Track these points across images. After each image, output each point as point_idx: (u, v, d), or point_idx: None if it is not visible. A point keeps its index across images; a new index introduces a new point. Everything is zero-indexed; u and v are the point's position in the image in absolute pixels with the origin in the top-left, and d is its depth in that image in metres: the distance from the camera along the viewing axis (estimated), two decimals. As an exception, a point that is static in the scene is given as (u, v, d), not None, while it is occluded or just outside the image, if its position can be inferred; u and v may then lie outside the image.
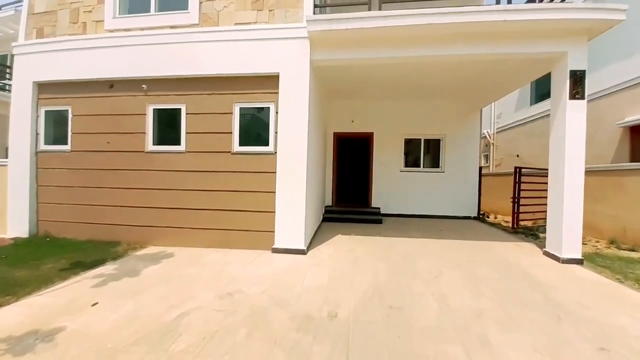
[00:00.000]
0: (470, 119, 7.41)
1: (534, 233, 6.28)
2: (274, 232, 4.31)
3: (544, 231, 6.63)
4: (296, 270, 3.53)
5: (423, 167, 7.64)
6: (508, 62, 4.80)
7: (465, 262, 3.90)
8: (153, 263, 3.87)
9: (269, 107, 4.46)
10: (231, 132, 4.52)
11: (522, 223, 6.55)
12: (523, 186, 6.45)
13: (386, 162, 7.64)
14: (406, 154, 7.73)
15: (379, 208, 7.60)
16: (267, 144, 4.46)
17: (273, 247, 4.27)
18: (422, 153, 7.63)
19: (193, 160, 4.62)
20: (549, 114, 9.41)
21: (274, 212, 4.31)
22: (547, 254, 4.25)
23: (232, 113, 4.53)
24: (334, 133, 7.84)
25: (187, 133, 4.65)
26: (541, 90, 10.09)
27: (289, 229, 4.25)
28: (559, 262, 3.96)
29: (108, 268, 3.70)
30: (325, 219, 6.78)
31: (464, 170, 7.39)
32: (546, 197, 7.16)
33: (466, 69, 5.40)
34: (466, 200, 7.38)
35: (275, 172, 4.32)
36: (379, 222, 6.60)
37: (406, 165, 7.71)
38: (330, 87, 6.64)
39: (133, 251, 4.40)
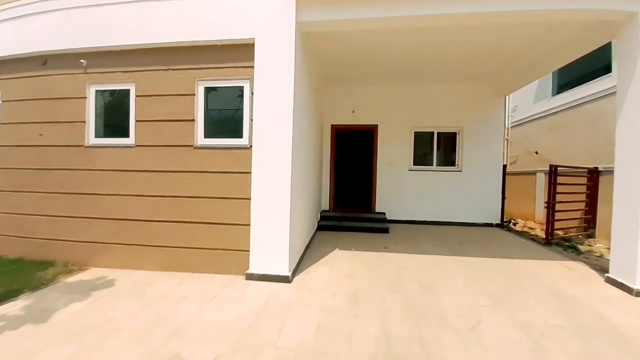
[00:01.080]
0: (493, 108, 6.38)
1: (572, 245, 5.28)
2: (248, 251, 3.31)
3: (582, 242, 5.66)
4: (273, 313, 2.53)
5: (436, 165, 6.62)
6: (560, 29, 3.78)
7: (506, 296, 2.89)
8: (80, 297, 2.88)
9: (242, 87, 3.45)
10: (194, 120, 3.51)
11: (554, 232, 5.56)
12: (557, 188, 5.44)
13: (392, 159, 6.63)
14: (416, 150, 6.71)
15: (384, 213, 6.60)
16: (240, 135, 3.45)
17: (247, 272, 3.27)
18: (435, 149, 6.61)
19: (145, 156, 3.61)
20: (574, 105, 8.43)
21: (249, 224, 3.31)
22: (612, 281, 3.24)
23: (194, 94, 3.51)
24: (332, 126, 6.83)
25: (137, 121, 3.64)
26: (564, 79, 9.06)
27: (268, 248, 3.25)
28: (631, 294, 2.96)
29: (17, 305, 2.74)
30: (320, 227, 5.78)
31: (485, 168, 6.38)
32: (581, 201, 6.23)
33: (501, 42, 4.38)
34: (487, 205, 6.37)
35: (250, 172, 3.32)
36: (385, 231, 5.60)
37: (416, 163, 6.70)
38: (326, 69, 5.62)
39: (66, 276, 3.41)
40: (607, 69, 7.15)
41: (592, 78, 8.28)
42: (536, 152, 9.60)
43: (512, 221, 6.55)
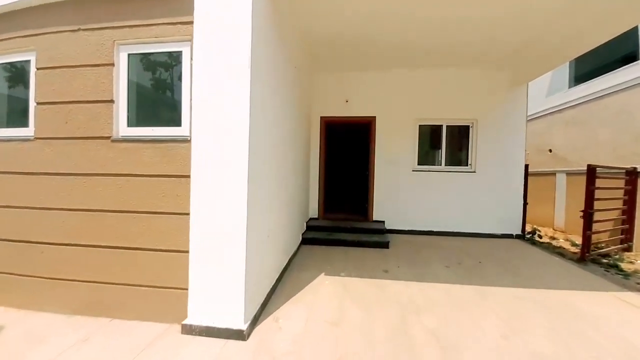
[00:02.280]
0: (513, 97, 5.41)
1: (612, 263, 4.35)
2: (186, 290, 2.31)
3: (621, 258, 4.71)
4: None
5: (445, 164, 5.64)
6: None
7: (571, 366, 1.92)
8: None
9: (179, 53, 2.44)
10: (112, 101, 2.50)
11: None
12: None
13: (393, 157, 5.64)
14: (421, 147, 5.73)
15: (382, 222, 5.62)
16: (177, 122, 2.45)
17: (184, 322, 2.27)
18: (444, 145, 5.63)
19: (47, 154, 2.59)
20: (595, 98, 7.50)
21: (187, 251, 2.30)
22: None
23: (113, 64, 2.50)
24: (322, 118, 5.83)
25: (37, 104, 2.62)
26: (582, 69, 8.18)
27: (214, 287, 2.25)
28: None
29: None
30: (306, 241, 4.78)
31: (503, 169, 5.41)
32: (617, 208, 5.28)
33: (525, 14, 3.42)
34: (506, 212, 5.41)
35: (189, 176, 2.31)
36: (384, 245, 4.61)
37: (421, 163, 5.72)
38: (312, 50, 4.61)
39: None
40: (632, 57, 6.31)
41: (614, 68, 7.45)
42: (550, 151, 8.68)
43: (537, 232, 5.58)
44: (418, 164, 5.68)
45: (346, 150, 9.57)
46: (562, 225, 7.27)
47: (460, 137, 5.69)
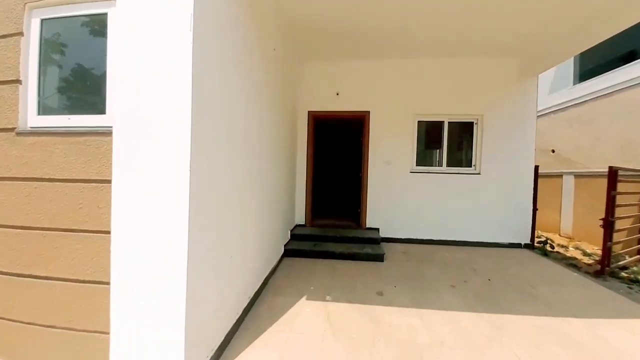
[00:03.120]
0: (522, 90, 4.90)
1: (635, 279, 3.86)
2: (108, 334, 1.71)
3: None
4: None
5: (447, 165, 5.11)
6: None
7: None
8: None
9: (104, 16, 1.84)
10: (19, 81, 1.89)
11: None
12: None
13: (389, 157, 5.09)
14: (420, 145, 5.18)
15: (377, 230, 5.06)
16: (100, 109, 1.85)
17: (103, 380, 1.68)
18: (446, 144, 5.09)
19: None
20: (603, 95, 7.05)
21: (108, 283, 1.71)
22: None
23: (22, 34, 1.89)
24: (310, 113, 5.25)
25: None
26: (588, 64, 7.78)
27: (144, 329, 1.66)
28: None
29: None
30: (289, 253, 4.20)
31: (510, 170, 4.90)
32: (632, 216, 4.81)
33: None
34: (514, 219, 4.89)
35: (110, 181, 1.71)
36: (379, 258, 4.06)
37: (420, 163, 5.18)
38: (297, 32, 4.03)
39: None
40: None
41: (622, 63, 7.07)
42: (553, 151, 8.24)
43: (549, 241, 5.07)
44: (416, 165, 5.14)
45: (337, 149, 9.00)
46: (569, 231, 6.81)
47: (463, 135, 5.16)
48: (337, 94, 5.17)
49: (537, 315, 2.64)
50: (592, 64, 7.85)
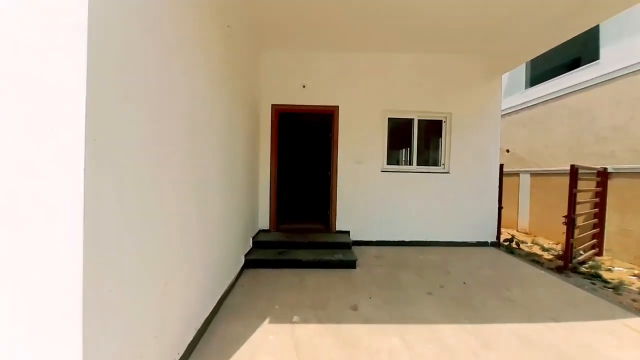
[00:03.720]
0: (489, 89, 4.93)
1: (595, 274, 4.03)
2: None
3: (598, 265, 4.44)
4: None
5: (417, 164, 4.97)
6: None
7: None
8: None
9: None
10: None
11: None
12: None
13: (359, 155, 4.82)
14: (391, 144, 4.98)
15: (347, 233, 4.76)
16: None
17: None
18: (416, 143, 4.95)
19: None
20: (553, 98, 7.55)
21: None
22: None
23: None
24: (273, 107, 4.77)
25: None
26: (538, 70, 8.38)
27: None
28: None
29: None
30: (250, 264, 3.69)
31: (477, 169, 4.90)
32: (587, 212, 5.10)
33: None
34: (482, 218, 4.91)
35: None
36: (351, 265, 3.73)
37: (391, 162, 4.98)
38: (258, 14, 3.54)
39: None
40: (591, 57, 6.40)
41: (568, 70, 7.63)
42: (507, 151, 8.71)
43: (515, 239, 5.16)
44: (387, 164, 4.93)
45: (304, 147, 8.61)
46: (526, 226, 7.18)
47: (432, 133, 5.08)
48: (304, 87, 4.77)
49: (518, 323, 2.49)
50: (542, 69, 8.44)
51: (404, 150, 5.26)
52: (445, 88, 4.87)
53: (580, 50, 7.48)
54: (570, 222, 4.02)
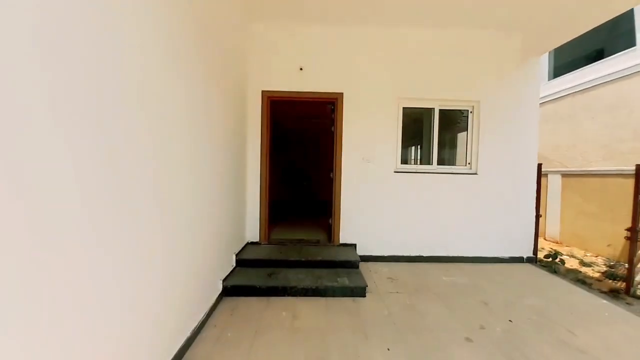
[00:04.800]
0: (524, 74, 4.12)
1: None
2: None
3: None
4: None
5: (437, 163, 4.17)
6: None
7: None
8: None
9: None
10: None
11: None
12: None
13: (368, 152, 4.03)
14: (406, 139, 4.18)
15: (353, 246, 3.98)
16: None
17: None
18: (436, 137, 4.15)
19: None
20: (582, 90, 6.64)
21: None
22: None
23: None
24: (264, 94, 3.99)
25: None
26: (562, 58, 7.58)
27: None
28: None
29: None
30: (230, 291, 2.90)
31: (511, 170, 4.10)
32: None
33: None
34: (516, 228, 4.11)
35: None
36: (359, 293, 2.94)
37: (406, 161, 4.19)
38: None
39: None
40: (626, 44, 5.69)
41: (594, 60, 6.89)
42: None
43: (558, 255, 4.33)
44: (401, 163, 4.13)
45: (301, 142, 7.84)
46: (556, 235, 6.35)
47: (457, 126, 4.27)
48: (301, 69, 3.98)
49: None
50: (565, 60, 7.64)
51: (418, 146, 4.47)
52: (472, 71, 4.06)
53: (603, 41, 6.84)
54: (634, 236, 3.21)
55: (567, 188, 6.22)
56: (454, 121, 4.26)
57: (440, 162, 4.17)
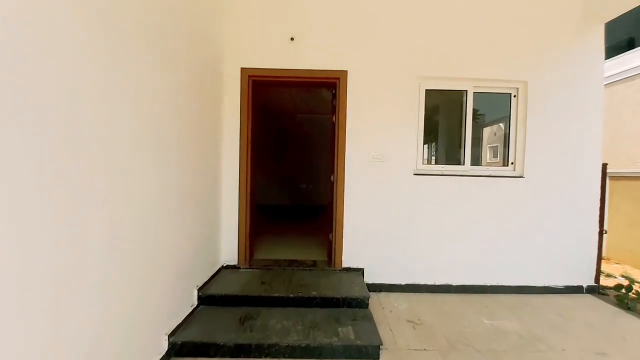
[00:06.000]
0: (583, 46, 3.17)
1: None
2: None
3: None
4: None
5: (470, 163, 3.23)
6: None
7: None
8: None
9: None
10: None
11: None
12: None
13: (379, 149, 3.10)
14: (428, 131, 3.26)
15: (360, 272, 3.07)
16: None
17: None
18: (470, 129, 3.21)
19: None
20: (616, 80, 5.43)
21: None
22: None
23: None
24: (244, 72, 3.08)
25: None
26: (615, 36, 6.66)
27: None
28: None
29: None
30: (181, 350, 2.00)
31: (566, 172, 3.17)
32: None
33: None
34: (572, 248, 3.17)
35: None
36: (369, 354, 2.02)
37: (429, 160, 3.27)
38: None
39: None
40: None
41: (625, 49, 6.09)
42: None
43: (631, 282, 3.36)
44: (424, 162, 3.21)
45: (291, 133, 6.94)
46: (615, 253, 5.38)
47: (496, 114, 3.34)
48: (292, 40, 3.07)
49: None
50: (620, 36, 6.95)
51: (451, 139, 3.55)
52: (516, 42, 3.12)
53: (635, 30, 6.06)
54: None
55: (615, 193, 5.26)
56: (496, 106, 3.33)
57: (475, 160, 3.24)
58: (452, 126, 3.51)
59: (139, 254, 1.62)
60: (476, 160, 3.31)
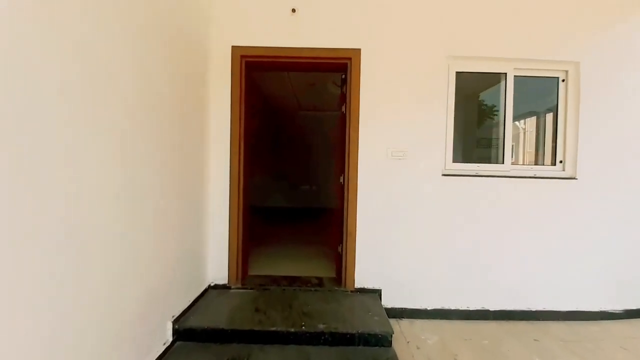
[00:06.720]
0: (652, 16, 2.63)
1: None
2: None
3: None
4: None
5: (511, 162, 2.69)
6: None
7: None
8: None
9: None
10: None
11: None
12: None
13: (398, 145, 2.57)
14: (459, 122, 2.73)
15: (376, 294, 2.53)
16: None
17: None
18: (510, 119, 2.67)
19: None
20: None
21: None
22: None
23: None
24: (235, 51, 2.56)
25: None
26: None
27: None
28: None
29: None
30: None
31: (628, 174, 2.62)
32: None
33: None
34: (635, 265, 2.62)
35: None
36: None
37: (460, 158, 2.73)
38: None
39: None
40: None
41: None
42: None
43: None
44: (454, 161, 2.68)
45: (292, 128, 6.44)
46: None
47: (543, 100, 2.81)
48: (293, 11, 2.55)
49: None
50: None
51: (484, 135, 3.01)
52: (565, 15, 2.59)
53: None
54: None
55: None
56: (544, 92, 2.78)
57: (518, 158, 2.71)
58: (483, 118, 2.97)
59: (88, 295, 1.10)
60: (532, 159, 2.78)
